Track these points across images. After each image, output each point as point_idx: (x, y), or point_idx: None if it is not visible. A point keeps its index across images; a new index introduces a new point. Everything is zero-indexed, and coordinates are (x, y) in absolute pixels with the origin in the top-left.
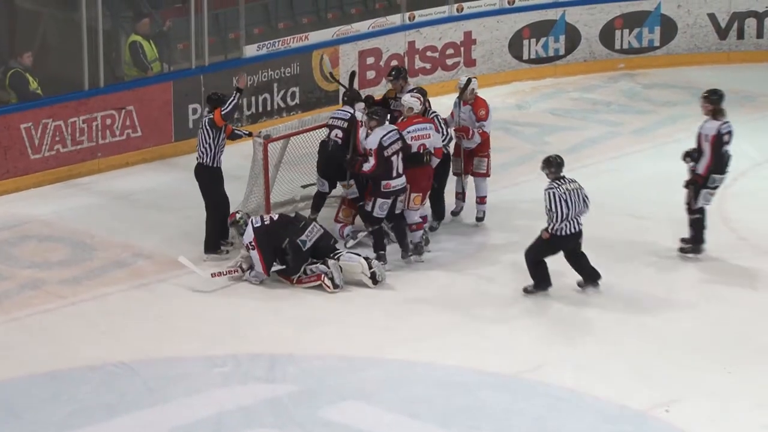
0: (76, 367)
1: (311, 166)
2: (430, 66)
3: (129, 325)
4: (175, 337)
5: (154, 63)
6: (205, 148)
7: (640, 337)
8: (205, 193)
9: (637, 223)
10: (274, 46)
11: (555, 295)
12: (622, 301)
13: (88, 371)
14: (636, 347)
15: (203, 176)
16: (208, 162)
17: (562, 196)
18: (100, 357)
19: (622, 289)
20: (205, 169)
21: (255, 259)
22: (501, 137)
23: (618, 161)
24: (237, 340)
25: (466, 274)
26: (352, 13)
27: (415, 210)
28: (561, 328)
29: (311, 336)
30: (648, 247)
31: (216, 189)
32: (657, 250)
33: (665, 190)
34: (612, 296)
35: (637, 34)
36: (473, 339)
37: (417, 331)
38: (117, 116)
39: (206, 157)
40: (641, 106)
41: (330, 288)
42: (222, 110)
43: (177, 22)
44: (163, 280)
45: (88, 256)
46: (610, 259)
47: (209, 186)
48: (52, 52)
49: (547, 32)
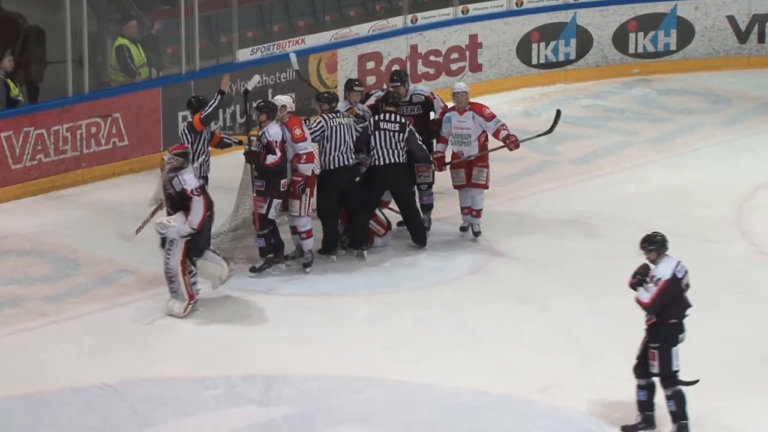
0: (58, 389)
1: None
2: (433, 71)
3: (114, 344)
4: (163, 358)
5: (142, 68)
6: None
7: None
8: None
9: None
10: (268, 50)
11: (565, 316)
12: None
13: (71, 393)
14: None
15: None
16: None
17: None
18: (84, 378)
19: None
20: None
21: (195, 209)
22: None
23: (632, 172)
24: (229, 360)
25: (471, 290)
26: (351, 16)
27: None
28: (571, 348)
29: (307, 355)
30: None
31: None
32: None
33: (682, 203)
34: (624, 315)
35: (653, 38)
36: (478, 358)
37: (419, 350)
38: (102, 124)
39: None
40: (657, 113)
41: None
42: (201, 114)
43: (166, 24)
44: (150, 297)
45: (72, 272)
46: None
47: None
48: (35, 57)
49: (558, 35)
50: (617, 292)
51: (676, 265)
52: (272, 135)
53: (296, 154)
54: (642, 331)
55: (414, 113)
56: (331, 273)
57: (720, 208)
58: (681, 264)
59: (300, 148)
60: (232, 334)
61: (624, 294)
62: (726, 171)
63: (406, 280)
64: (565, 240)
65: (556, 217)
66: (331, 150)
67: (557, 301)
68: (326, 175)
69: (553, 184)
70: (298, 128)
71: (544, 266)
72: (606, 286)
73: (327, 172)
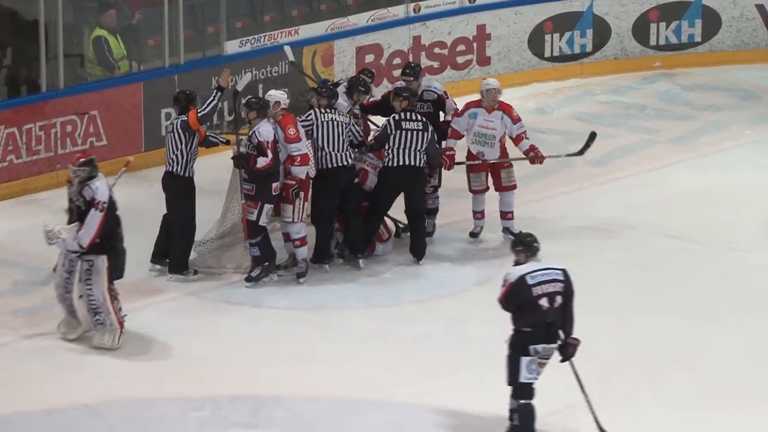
0: (32, 410)
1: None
2: (438, 65)
3: (93, 362)
4: (145, 376)
5: (122, 61)
6: (176, 155)
7: (680, 376)
8: (173, 206)
9: (676, 245)
10: (259, 42)
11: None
12: (658, 337)
13: (46, 416)
14: (675, 387)
15: (172, 187)
16: (180, 171)
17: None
18: (59, 399)
19: (661, 321)
20: (175, 179)
21: (89, 225)
22: None
23: (654, 174)
24: (216, 379)
25: (479, 303)
26: (349, 4)
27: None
28: (587, 367)
29: (302, 375)
30: (688, 272)
31: (185, 203)
32: (699, 276)
33: (708, 207)
34: (646, 330)
35: (676, 28)
36: (487, 378)
37: (423, 369)
38: (79, 122)
39: (177, 166)
40: (680, 110)
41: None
42: (199, 111)
43: (148, 14)
44: (131, 310)
45: (46, 282)
46: (644, 286)
47: (179, 199)
48: (5, 50)
49: (573, 26)
50: (638, 305)
51: (533, 271)
52: (263, 134)
53: (289, 155)
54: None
55: (423, 111)
56: (327, 284)
57: (749, 213)
58: (543, 272)
59: (294, 149)
60: (219, 351)
61: (646, 308)
62: (756, 173)
63: (408, 291)
64: (581, 248)
65: (572, 223)
66: (325, 148)
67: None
68: (322, 175)
69: (568, 187)
70: (292, 127)
71: None
72: (625, 299)
73: (323, 172)
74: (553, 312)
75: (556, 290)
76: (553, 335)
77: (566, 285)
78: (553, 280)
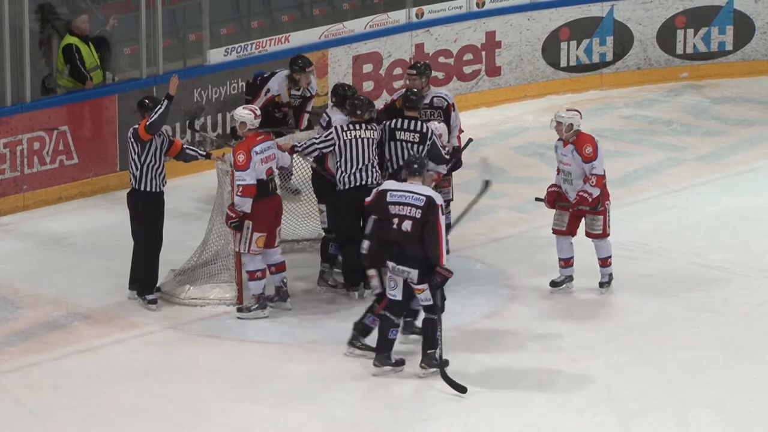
0: None
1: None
2: (443, 75)
3: (63, 403)
4: (120, 419)
5: (95, 71)
6: (131, 167)
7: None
8: (132, 223)
9: (705, 274)
10: (246, 51)
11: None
12: (684, 373)
13: None
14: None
15: (129, 202)
16: (135, 184)
17: None
18: None
19: (688, 357)
20: (132, 193)
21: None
22: (535, 164)
23: (681, 195)
24: (198, 421)
25: (488, 337)
26: (345, 9)
27: (257, 253)
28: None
29: (292, 417)
30: (718, 303)
31: (142, 219)
32: (730, 308)
33: (739, 233)
34: (671, 367)
35: (705, 35)
36: (499, 419)
37: (427, 409)
38: (47, 139)
39: (133, 179)
40: (710, 125)
41: None
42: (148, 120)
43: (123, 19)
44: (104, 345)
45: (11, 315)
46: (671, 316)
47: (135, 214)
48: None
49: (591, 33)
50: (663, 340)
51: (397, 190)
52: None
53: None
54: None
55: (432, 119)
56: (321, 317)
57: None
58: (404, 194)
59: (238, 178)
60: (200, 391)
61: (673, 343)
62: None
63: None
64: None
65: (590, 249)
66: (346, 167)
67: (590, 351)
68: (341, 195)
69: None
70: (243, 153)
71: (573, 309)
72: (649, 334)
73: (342, 193)
74: (400, 234)
75: (407, 214)
76: (404, 258)
77: (424, 213)
78: (408, 204)
